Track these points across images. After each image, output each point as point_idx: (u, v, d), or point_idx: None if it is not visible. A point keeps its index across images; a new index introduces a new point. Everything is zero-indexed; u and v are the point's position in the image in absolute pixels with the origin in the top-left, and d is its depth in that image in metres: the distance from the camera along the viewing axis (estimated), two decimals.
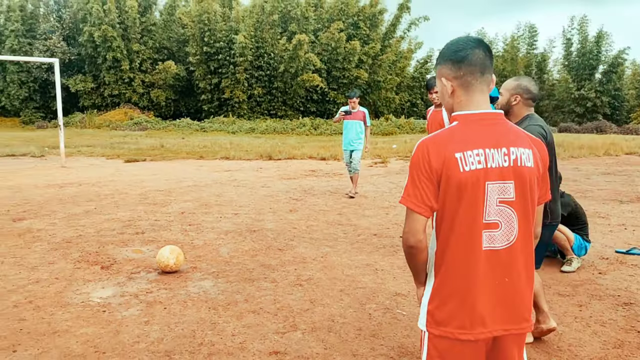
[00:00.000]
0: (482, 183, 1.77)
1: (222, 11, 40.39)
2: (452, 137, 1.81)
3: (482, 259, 1.79)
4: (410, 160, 1.87)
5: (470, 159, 1.76)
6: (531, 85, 3.67)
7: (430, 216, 1.85)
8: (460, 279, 1.81)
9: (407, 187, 1.85)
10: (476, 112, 1.85)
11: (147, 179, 12.05)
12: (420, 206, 1.82)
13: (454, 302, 1.82)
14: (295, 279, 5.04)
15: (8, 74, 40.78)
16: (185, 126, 35.40)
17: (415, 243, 1.86)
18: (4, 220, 7.53)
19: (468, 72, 1.85)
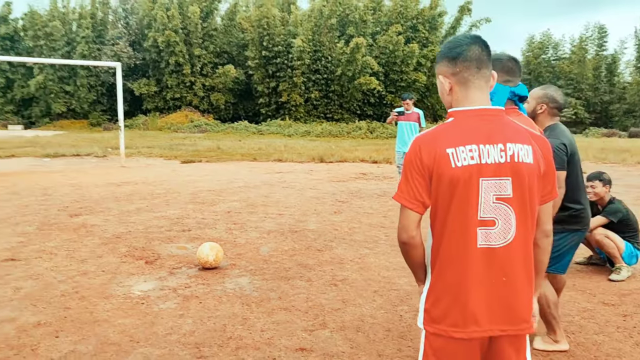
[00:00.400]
0: (475, 179, 1.75)
1: (281, 16, 41.00)
2: (445, 133, 1.81)
3: (477, 256, 1.76)
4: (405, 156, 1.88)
5: (462, 154, 1.75)
6: (557, 95, 3.64)
7: (422, 212, 1.85)
8: (453, 275, 1.79)
9: (400, 183, 1.86)
10: (472, 108, 1.83)
11: (200, 179, 12.40)
12: (412, 202, 1.82)
13: (447, 299, 1.81)
14: (331, 279, 5.08)
15: (78, 79, 42.93)
16: (243, 129, 36.13)
17: (408, 239, 1.87)
18: (63, 216, 7.94)
19: (464, 68, 1.84)
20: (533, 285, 1.87)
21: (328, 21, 39.78)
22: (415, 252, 1.91)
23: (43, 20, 43.67)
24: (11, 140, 26.26)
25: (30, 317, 4.12)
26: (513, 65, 2.77)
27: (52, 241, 6.43)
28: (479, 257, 1.76)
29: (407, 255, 1.94)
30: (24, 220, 7.58)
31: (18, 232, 6.91)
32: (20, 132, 39.31)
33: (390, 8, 43.55)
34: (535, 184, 1.82)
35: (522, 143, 1.80)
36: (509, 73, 2.75)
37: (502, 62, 2.75)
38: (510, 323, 1.79)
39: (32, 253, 5.90)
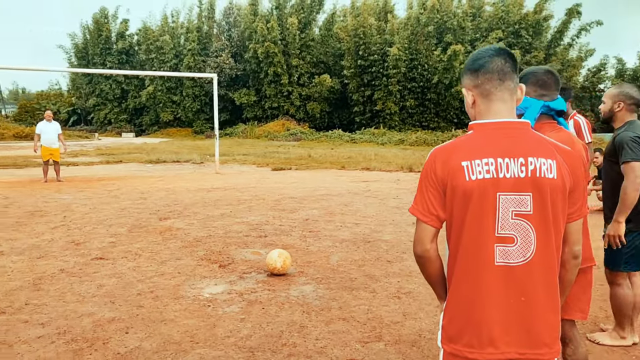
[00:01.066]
0: (491, 193, 1.68)
1: (377, 25, 41.09)
2: (462, 146, 1.75)
3: (493, 274, 1.69)
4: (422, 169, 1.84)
5: (477, 167, 1.69)
6: (633, 92, 3.66)
7: (438, 226, 1.81)
8: (468, 293, 1.73)
9: (416, 196, 1.83)
10: (493, 120, 1.77)
11: (286, 186, 12.70)
12: (426, 215, 1.79)
13: (461, 318, 1.75)
14: (395, 291, 5.01)
15: (184, 89, 45.60)
16: (337, 137, 36.53)
17: (422, 252, 1.83)
18: (153, 219, 8.45)
19: (486, 80, 1.78)
20: (558, 307, 1.77)
21: (425, 29, 39.34)
22: (430, 266, 1.87)
23: (155, 35, 46.88)
24: (122, 147, 28.35)
25: (107, 312, 4.43)
26: (549, 79, 2.65)
27: (138, 243, 6.86)
28: (496, 275, 1.69)
29: (423, 269, 1.91)
30: (118, 222, 8.15)
31: (111, 233, 7.44)
32: (131, 139, 42.41)
33: (490, 14, 42.26)
34: (560, 200, 1.71)
35: (546, 157, 1.71)
36: (543, 87, 2.64)
37: (536, 75, 2.65)
38: (529, 347, 1.70)
39: (120, 253, 6.33)
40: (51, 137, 13.67)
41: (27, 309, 4.52)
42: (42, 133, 13.63)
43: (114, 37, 50.10)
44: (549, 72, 2.68)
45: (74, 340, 3.87)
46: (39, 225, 7.93)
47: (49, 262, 5.97)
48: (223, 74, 43.56)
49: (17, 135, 36.00)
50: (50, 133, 13.67)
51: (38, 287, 5.09)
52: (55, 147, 13.74)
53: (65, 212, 9.10)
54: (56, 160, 13.81)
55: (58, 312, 4.44)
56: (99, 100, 50.67)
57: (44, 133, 13.63)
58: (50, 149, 13.63)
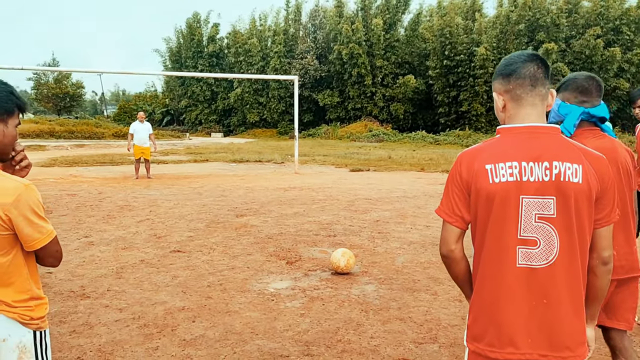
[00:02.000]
0: (514, 196, 1.72)
1: (464, 24, 40.14)
2: (488, 149, 1.80)
3: (515, 275, 1.73)
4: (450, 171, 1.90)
5: (501, 171, 1.73)
6: None
7: (463, 227, 1.86)
8: (490, 293, 1.78)
9: (442, 198, 1.90)
10: (521, 125, 1.80)
11: (362, 187, 12.77)
12: (451, 216, 1.85)
13: (483, 317, 1.80)
14: (457, 295, 4.96)
15: (270, 91, 46.83)
16: (420, 139, 36.08)
17: (447, 253, 1.89)
18: (230, 215, 8.82)
19: (517, 86, 1.81)
20: (583, 311, 1.76)
21: (515, 27, 37.96)
22: (456, 266, 1.93)
23: (243, 38, 48.45)
24: (210, 147, 29.56)
25: (178, 302, 4.73)
26: (590, 85, 2.61)
27: (214, 237, 7.21)
28: (518, 276, 1.73)
29: (449, 269, 1.97)
30: (198, 218, 8.59)
31: (191, 227, 7.87)
32: (219, 139, 44.11)
33: (588, 9, 39.92)
34: (585, 205, 1.72)
35: (571, 162, 1.71)
36: (584, 93, 2.61)
37: (577, 81, 2.63)
38: (551, 349, 1.72)
39: (196, 247, 6.70)
40: (143, 137, 14.51)
41: (109, 294, 4.92)
42: (135, 132, 14.51)
43: (205, 41, 52.24)
44: (591, 77, 2.63)
45: (146, 326, 4.18)
46: (127, 219, 8.51)
47: (132, 252, 6.42)
48: (307, 75, 44.29)
49: (116, 134, 38.44)
50: (142, 132, 14.52)
51: (120, 275, 5.51)
52: (147, 146, 14.59)
53: (151, 207, 9.70)
54: (147, 159, 14.69)
55: (135, 299, 4.80)
56: (190, 102, 53.09)
57: (137, 132, 14.50)
58: (142, 147, 14.50)
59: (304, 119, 45.15)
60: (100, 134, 38.19)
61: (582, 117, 2.60)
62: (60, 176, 14.86)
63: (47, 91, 59.76)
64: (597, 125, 2.66)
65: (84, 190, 11.82)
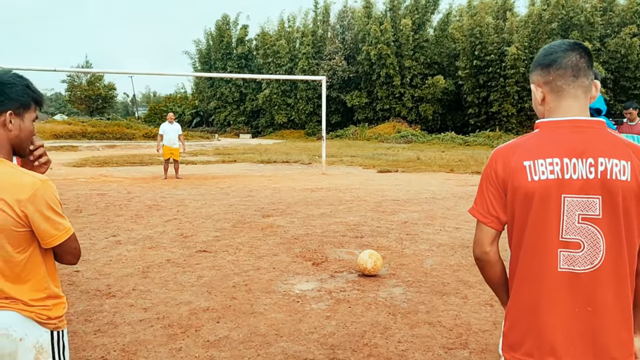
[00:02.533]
0: (555, 195, 1.59)
1: (495, 23, 39.55)
2: (526, 145, 1.67)
3: (556, 280, 1.59)
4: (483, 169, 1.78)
5: (541, 167, 1.60)
6: None
7: (498, 228, 1.74)
8: (528, 299, 1.65)
9: (476, 197, 1.78)
10: (562, 118, 1.66)
11: (389, 188, 12.62)
12: (485, 216, 1.73)
13: (521, 325, 1.67)
14: (488, 299, 4.81)
15: (298, 92, 46.91)
16: (449, 140, 35.65)
17: (481, 255, 1.78)
18: (257, 216, 8.79)
19: (558, 76, 1.68)
20: (630, 320, 1.62)
21: (548, 26, 37.22)
22: (490, 269, 1.80)
23: (272, 39, 48.66)
24: (238, 147, 29.74)
25: (203, 302, 4.68)
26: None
27: (240, 237, 7.17)
28: (560, 281, 1.60)
29: (483, 273, 1.85)
30: (225, 218, 8.57)
31: (217, 227, 7.85)
32: (247, 140, 44.39)
33: (624, 7, 38.88)
34: (634, 205, 1.57)
35: (619, 158, 1.57)
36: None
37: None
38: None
39: (222, 247, 6.67)
40: (172, 138, 14.62)
41: (134, 294, 4.90)
42: (165, 133, 14.63)
43: (234, 43, 52.68)
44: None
45: (170, 326, 4.14)
46: (154, 218, 8.55)
47: (158, 252, 6.42)
48: (335, 76, 44.21)
49: (146, 135, 38.98)
50: (171, 133, 14.63)
51: (146, 274, 5.50)
52: (176, 147, 14.69)
53: (179, 206, 9.73)
54: (176, 159, 14.80)
55: (160, 298, 4.77)
56: (219, 103, 53.53)
57: (166, 133, 14.62)
58: (171, 148, 14.60)
59: (332, 120, 45.06)
60: (131, 134, 38.80)
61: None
62: (91, 176, 15.09)
63: (80, 93, 61.01)
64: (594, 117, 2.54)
65: (114, 190, 11.95)
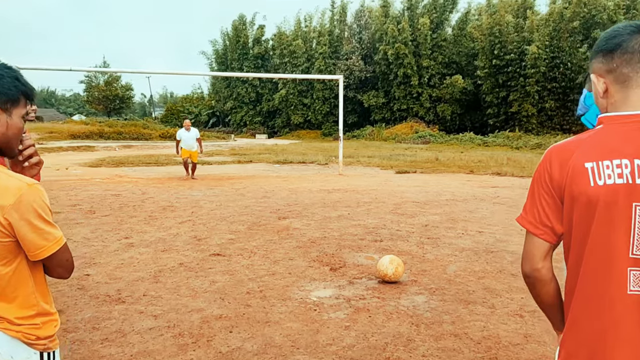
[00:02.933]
0: (624, 203, 1.32)
1: (515, 22, 38.95)
2: (587, 144, 1.40)
3: (626, 305, 1.33)
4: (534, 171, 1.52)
5: (607, 170, 1.33)
6: None
7: (552, 241, 1.48)
8: (590, 326, 1.38)
9: (526, 203, 1.52)
10: (631, 113, 1.39)
11: (408, 190, 12.33)
12: (537, 227, 1.47)
13: (582, 355, 1.40)
14: (518, 309, 4.52)
15: (315, 92, 46.69)
16: (468, 140, 35.16)
17: (531, 272, 1.52)
18: (272, 218, 8.57)
19: (624, 63, 1.40)
20: None
21: (569, 24, 36.53)
22: (542, 288, 1.54)
23: (288, 39, 48.54)
24: (254, 148, 29.61)
25: (215, 309, 4.47)
26: None
27: (255, 241, 6.96)
28: (630, 306, 1.33)
29: (533, 292, 1.58)
30: (240, 220, 8.37)
31: (232, 230, 7.65)
32: (263, 140, 44.31)
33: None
34: None
35: None
36: None
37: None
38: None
39: (236, 250, 6.45)
40: (190, 144, 14.60)
41: (144, 300, 4.71)
42: (182, 140, 14.59)
43: (250, 43, 52.67)
44: None
45: (181, 335, 3.93)
46: (168, 220, 8.37)
47: (171, 255, 6.23)
48: (352, 76, 43.92)
49: (163, 135, 39.05)
50: (189, 140, 14.57)
51: (157, 279, 5.31)
52: (194, 150, 14.71)
53: (193, 207, 9.56)
54: (194, 161, 14.80)
55: (171, 305, 4.57)
56: (235, 104, 53.54)
57: (184, 140, 14.57)
58: (190, 151, 14.62)
59: (349, 120, 44.75)
60: (147, 135, 38.88)
61: None
62: (106, 176, 15.01)
63: (98, 93, 61.49)
64: None
65: (128, 191, 11.82)
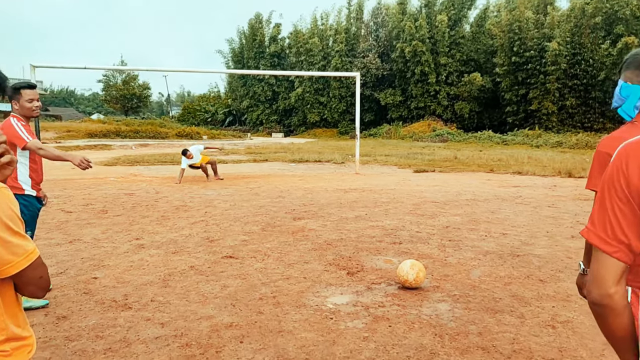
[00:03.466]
0: None
1: (535, 18, 38.31)
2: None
3: None
4: (604, 173, 1.22)
5: None
6: None
7: (629, 261, 1.19)
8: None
9: (593, 213, 1.22)
10: None
11: (427, 189, 11.99)
12: (610, 243, 1.19)
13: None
14: (549, 319, 4.20)
15: (331, 90, 46.38)
16: (486, 139, 34.63)
17: (601, 298, 1.22)
18: (287, 218, 8.31)
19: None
20: None
21: (591, 20, 35.80)
22: (615, 319, 1.24)
23: (304, 37, 48.29)
24: (270, 146, 29.40)
25: (226, 317, 4.21)
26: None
27: (269, 242, 6.70)
28: None
29: (603, 323, 1.29)
30: (254, 220, 8.12)
31: (245, 231, 7.40)
32: (280, 139, 44.12)
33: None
34: None
35: None
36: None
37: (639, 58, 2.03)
38: None
39: (249, 252, 6.20)
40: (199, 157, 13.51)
41: (152, 306, 4.47)
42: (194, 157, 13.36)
43: (267, 41, 52.54)
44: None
45: (188, 345, 3.68)
46: (181, 220, 8.16)
47: (182, 257, 6.00)
48: (369, 74, 43.56)
49: (179, 134, 39.09)
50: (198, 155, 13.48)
51: (166, 283, 5.07)
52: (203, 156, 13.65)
53: (207, 207, 9.34)
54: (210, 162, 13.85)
55: (179, 311, 4.33)
56: (252, 102, 53.47)
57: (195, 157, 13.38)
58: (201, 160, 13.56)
59: (365, 118, 44.37)
60: (164, 133, 38.91)
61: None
62: (121, 175, 14.88)
63: (116, 92, 61.82)
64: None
65: (142, 190, 11.65)
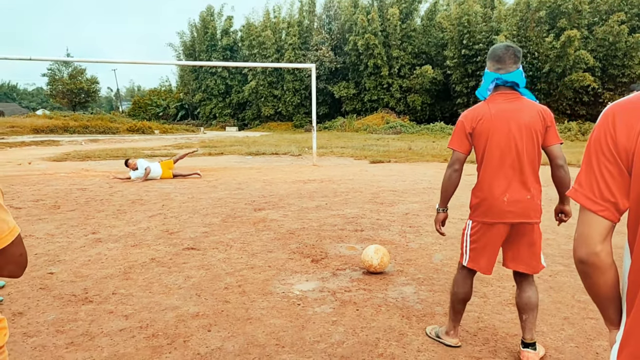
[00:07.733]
0: None
1: (483, 12, 39.14)
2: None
3: None
4: (590, 135, 1.25)
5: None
6: None
7: (615, 219, 1.22)
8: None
9: (580, 174, 1.25)
10: None
11: (384, 179, 12.12)
12: (596, 202, 1.22)
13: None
14: (511, 298, 4.33)
15: (285, 83, 46.24)
16: (438, 130, 35.24)
17: (587, 256, 1.25)
18: (248, 209, 8.24)
19: None
20: None
21: (536, 14, 36.80)
22: (600, 277, 1.29)
23: (257, 30, 47.87)
24: (224, 140, 29.09)
25: (191, 307, 4.15)
26: (504, 54, 2.95)
27: (231, 233, 6.63)
28: None
29: (588, 282, 1.33)
30: (213, 212, 8.02)
31: (205, 222, 7.30)
32: (234, 132, 43.70)
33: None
34: None
35: None
36: (499, 61, 2.98)
37: (494, 51, 3.02)
38: None
39: (211, 244, 6.12)
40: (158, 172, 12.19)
41: (114, 298, 4.36)
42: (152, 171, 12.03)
43: (219, 34, 51.84)
44: (507, 47, 2.96)
45: (155, 336, 3.61)
46: (138, 214, 7.97)
47: (142, 250, 5.87)
48: (323, 67, 43.60)
49: (130, 129, 38.17)
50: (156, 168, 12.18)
51: (128, 276, 4.95)
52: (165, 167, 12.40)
53: (164, 200, 9.16)
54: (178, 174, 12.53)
55: (143, 303, 4.23)
56: (204, 96, 52.72)
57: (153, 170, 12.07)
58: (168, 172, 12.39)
59: (320, 111, 44.43)
60: (114, 129, 37.92)
61: (496, 82, 2.98)
62: (72, 170, 14.41)
63: (62, 87, 59.74)
64: (515, 89, 2.99)
65: (95, 185, 11.32)
